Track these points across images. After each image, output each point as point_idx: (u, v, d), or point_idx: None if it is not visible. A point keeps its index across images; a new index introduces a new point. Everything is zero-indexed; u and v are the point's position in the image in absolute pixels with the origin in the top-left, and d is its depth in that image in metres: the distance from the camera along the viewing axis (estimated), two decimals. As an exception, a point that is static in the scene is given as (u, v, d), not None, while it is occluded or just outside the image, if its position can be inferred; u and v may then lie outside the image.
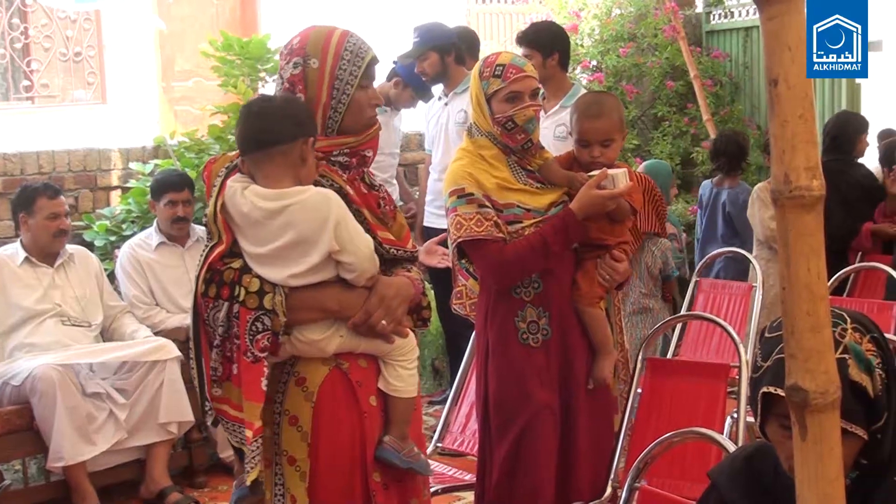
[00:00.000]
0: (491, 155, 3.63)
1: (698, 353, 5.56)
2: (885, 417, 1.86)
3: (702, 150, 8.69)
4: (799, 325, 1.43)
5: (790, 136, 1.38)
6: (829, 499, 1.45)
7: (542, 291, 3.64)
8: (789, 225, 1.42)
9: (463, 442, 4.37)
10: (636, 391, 4.14)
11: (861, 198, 6.50)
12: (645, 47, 9.08)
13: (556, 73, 5.49)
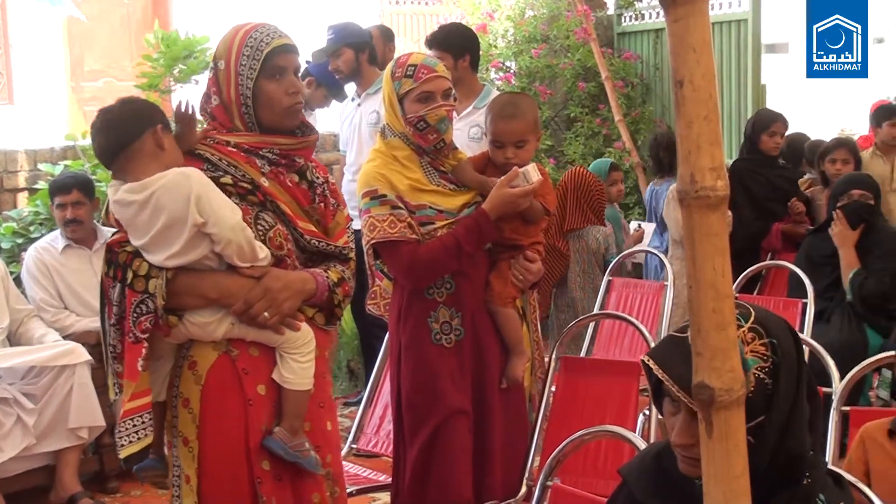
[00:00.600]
0: (404, 156, 3.63)
1: (612, 351, 5.61)
2: (760, 420, 1.86)
3: (614, 150, 8.79)
4: (705, 323, 1.44)
5: (695, 136, 1.40)
6: (734, 494, 1.47)
7: (454, 292, 3.65)
8: (695, 224, 1.43)
9: (378, 443, 4.36)
10: (550, 389, 4.17)
11: (772, 198, 6.61)
12: (557, 49, 9.14)
13: (467, 75, 5.50)
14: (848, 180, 5.72)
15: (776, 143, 6.61)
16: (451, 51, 5.43)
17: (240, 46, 3.02)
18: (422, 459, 3.67)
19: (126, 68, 8.95)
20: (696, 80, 1.39)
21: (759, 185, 6.60)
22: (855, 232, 5.52)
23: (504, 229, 3.67)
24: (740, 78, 8.94)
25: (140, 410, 2.91)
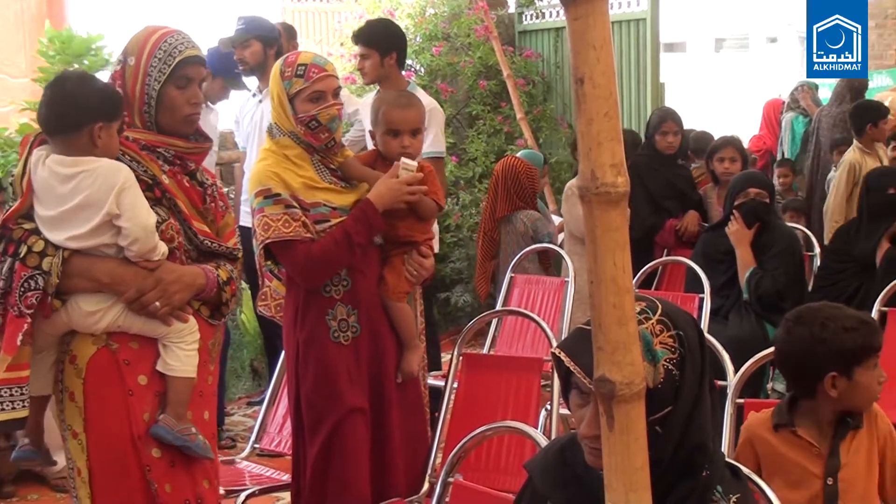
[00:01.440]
0: (295, 154, 3.63)
1: (514, 347, 5.64)
2: (666, 411, 1.89)
3: (516, 147, 8.83)
4: (606, 318, 1.46)
5: (596, 133, 1.41)
6: (635, 486, 1.49)
7: (351, 289, 3.67)
8: (596, 220, 1.45)
9: (281, 442, 4.34)
10: (452, 386, 4.19)
11: (668, 195, 6.70)
12: (458, 47, 9.17)
13: (393, 73, 5.48)
14: (744, 179, 5.81)
15: (669, 143, 6.71)
16: (377, 47, 5.41)
17: (152, 49, 3.11)
18: (321, 458, 3.67)
19: (20, 64, 8.72)
20: (597, 78, 1.40)
21: (657, 181, 6.68)
22: (750, 231, 5.62)
23: (398, 227, 3.72)
24: (640, 76, 9.08)
25: (14, 382, 2.95)
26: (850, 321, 2.89)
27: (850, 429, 2.94)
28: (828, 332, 2.86)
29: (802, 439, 2.93)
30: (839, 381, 2.86)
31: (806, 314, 2.94)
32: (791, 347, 2.92)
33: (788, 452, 2.93)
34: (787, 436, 2.94)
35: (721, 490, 1.96)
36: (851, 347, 2.85)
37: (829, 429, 2.94)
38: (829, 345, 2.86)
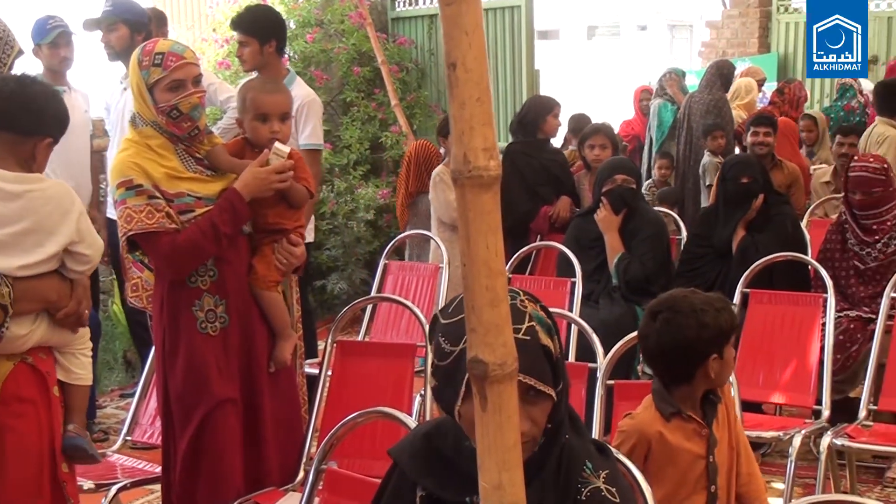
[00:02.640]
0: (157, 144, 3.57)
1: (388, 334, 5.65)
2: (562, 382, 1.96)
3: (391, 134, 8.85)
4: (478, 300, 1.46)
5: (468, 118, 1.42)
6: (507, 465, 1.50)
7: (218, 279, 3.63)
8: (469, 204, 1.45)
9: (153, 434, 4.28)
10: (327, 373, 4.18)
11: (542, 182, 6.79)
12: (332, 33, 9.13)
13: (273, 60, 5.41)
14: (611, 166, 5.90)
15: (559, 125, 6.81)
16: (256, 35, 5.32)
17: None
18: (192, 450, 3.63)
19: None
20: (469, 63, 1.41)
21: (532, 168, 6.76)
22: (618, 217, 5.72)
23: (268, 214, 3.69)
24: (515, 63, 9.16)
25: None
26: (719, 303, 2.99)
27: (715, 404, 3.02)
28: (708, 317, 2.93)
29: (693, 421, 2.99)
30: (716, 362, 2.94)
31: (680, 304, 2.98)
32: (674, 337, 2.96)
33: (679, 441, 2.98)
34: (678, 423, 2.99)
35: (591, 466, 2.01)
36: (725, 327, 2.95)
37: (701, 409, 3.02)
38: (712, 328, 2.93)
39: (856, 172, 5.23)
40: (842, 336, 4.97)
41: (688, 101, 9.02)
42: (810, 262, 5.25)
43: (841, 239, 5.36)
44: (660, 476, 2.92)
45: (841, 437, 4.21)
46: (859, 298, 5.21)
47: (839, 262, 5.30)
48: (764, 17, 11.83)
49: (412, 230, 6.88)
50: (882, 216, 5.21)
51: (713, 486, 2.98)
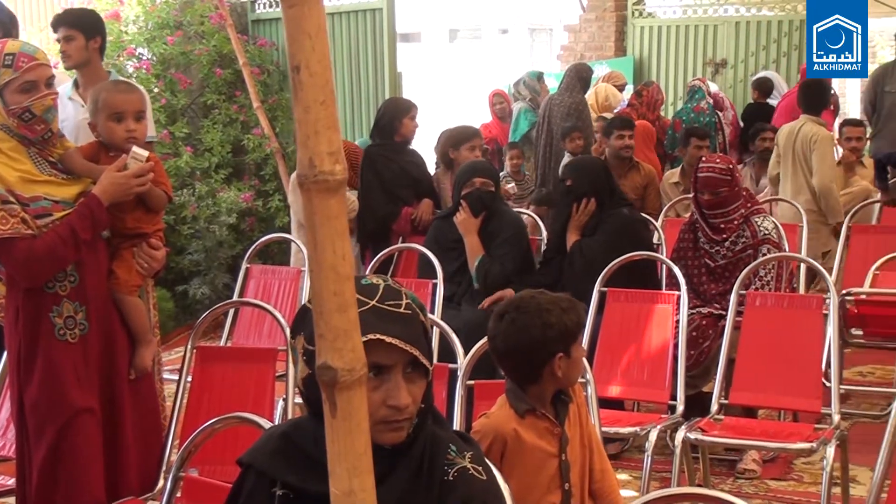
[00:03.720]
0: (9, 147, 3.48)
1: (251, 339, 5.60)
2: (432, 363, 1.99)
3: (253, 137, 8.76)
4: (326, 305, 1.46)
5: (313, 121, 1.41)
6: (357, 471, 1.50)
7: (78, 285, 3.55)
8: (315, 208, 1.45)
9: (5, 445, 4.14)
10: (186, 379, 4.12)
11: (402, 183, 6.80)
12: (192, 35, 8.99)
13: (95, 58, 5.29)
14: (469, 169, 5.94)
15: (416, 126, 6.83)
16: (83, 30, 5.20)
17: None
18: (49, 461, 3.53)
19: None
20: (313, 66, 1.40)
21: (391, 170, 6.78)
22: (478, 219, 5.77)
23: (126, 219, 3.64)
24: (377, 66, 9.16)
25: None
26: (565, 302, 3.03)
27: (567, 403, 3.07)
28: (553, 316, 2.98)
29: (546, 419, 3.03)
30: (563, 361, 2.99)
31: (526, 304, 3.03)
32: (519, 337, 3.00)
33: (533, 439, 3.01)
34: (532, 421, 3.03)
35: (455, 449, 2.05)
36: (571, 326, 3.00)
37: (553, 408, 3.06)
38: (557, 327, 2.98)
39: (703, 173, 5.38)
40: (694, 332, 5.10)
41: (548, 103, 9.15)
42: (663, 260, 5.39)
43: (692, 238, 5.51)
44: (515, 474, 2.96)
45: (694, 431, 4.31)
46: (710, 295, 5.35)
47: (691, 260, 5.44)
48: (620, 22, 12.07)
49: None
50: (729, 215, 5.36)
51: (567, 484, 3.03)
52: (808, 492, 4.88)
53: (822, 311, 4.75)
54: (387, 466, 1.96)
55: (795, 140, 7.27)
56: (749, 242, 5.32)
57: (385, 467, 1.96)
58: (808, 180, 7.24)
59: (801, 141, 7.24)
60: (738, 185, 5.45)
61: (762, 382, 4.67)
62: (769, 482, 5.04)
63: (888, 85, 9.28)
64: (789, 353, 4.68)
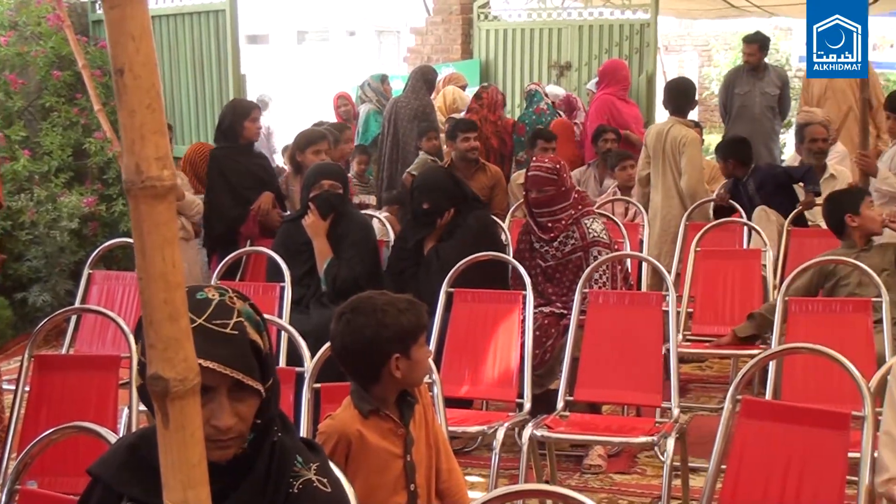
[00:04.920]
0: None
1: (94, 346, 5.46)
2: (272, 379, 1.97)
3: (95, 140, 8.55)
4: (157, 314, 1.43)
5: (139, 126, 1.38)
6: (192, 482, 1.47)
7: None
8: (143, 215, 1.41)
9: None
10: (24, 389, 4.00)
11: (249, 186, 6.73)
12: (28, 36, 8.73)
13: None
14: (317, 171, 5.92)
15: (258, 129, 6.76)
16: None
17: None
18: None
19: None
20: (137, 69, 1.37)
21: (237, 172, 6.70)
22: (326, 222, 5.74)
23: None
24: (221, 68, 9.04)
25: None
26: (402, 304, 3.04)
27: (412, 404, 3.08)
28: (389, 317, 2.99)
29: (390, 420, 3.03)
30: (401, 362, 2.99)
31: (363, 305, 3.04)
32: (354, 338, 3.01)
33: (377, 440, 3.01)
34: (376, 421, 3.03)
35: (301, 460, 2.05)
36: (408, 327, 3.01)
37: (398, 409, 3.07)
38: (392, 328, 2.99)
39: (532, 172, 5.54)
40: (538, 332, 5.18)
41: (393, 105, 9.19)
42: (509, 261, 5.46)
43: (529, 239, 5.62)
44: (361, 475, 2.96)
45: (540, 428, 4.38)
46: (549, 295, 5.45)
47: (529, 260, 5.53)
48: (466, 25, 12.16)
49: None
50: (556, 214, 5.48)
51: (413, 485, 3.04)
52: (651, 484, 5.01)
53: (661, 308, 4.88)
54: (232, 481, 1.95)
55: (665, 142, 7.43)
56: (578, 244, 5.44)
57: (229, 482, 1.94)
58: (678, 182, 7.42)
59: (670, 143, 7.41)
60: (566, 185, 5.55)
61: (605, 379, 4.77)
62: (614, 476, 5.16)
63: (738, 87, 9.64)
64: (631, 350, 4.79)
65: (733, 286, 6.08)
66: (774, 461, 3.24)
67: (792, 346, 4.15)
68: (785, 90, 9.54)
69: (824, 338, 4.17)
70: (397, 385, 3.04)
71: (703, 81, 20.70)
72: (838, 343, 4.05)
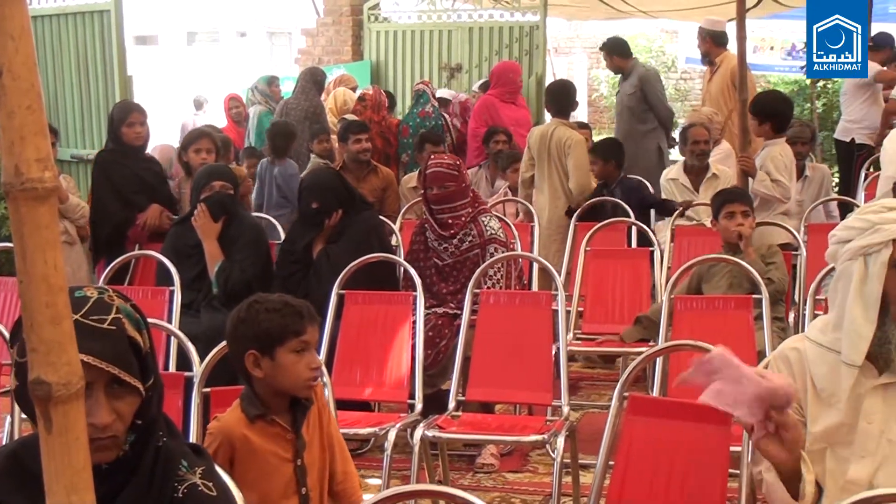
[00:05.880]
0: None
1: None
2: (153, 378, 1.96)
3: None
4: (38, 318, 1.41)
5: (18, 127, 1.36)
6: (77, 489, 1.45)
7: None
8: (24, 218, 1.39)
9: None
10: None
11: (137, 189, 6.62)
12: None
13: None
14: (207, 173, 5.86)
15: (137, 133, 6.62)
16: None
17: None
18: None
19: None
20: (17, 69, 1.35)
21: (124, 176, 6.58)
22: (217, 224, 5.69)
23: None
24: (106, 69, 8.90)
25: None
26: (276, 304, 3.03)
27: (307, 408, 3.06)
28: (250, 314, 3.00)
29: (277, 425, 3.01)
30: (263, 362, 2.98)
31: (245, 303, 3.06)
32: (225, 332, 3.07)
33: (264, 443, 3.00)
34: (262, 426, 3.01)
35: (186, 464, 2.03)
36: (271, 328, 2.98)
37: (291, 413, 3.05)
38: (248, 325, 3.00)
39: (431, 169, 5.60)
40: (431, 332, 5.21)
41: (283, 107, 9.16)
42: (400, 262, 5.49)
43: (423, 239, 5.65)
44: (249, 479, 2.94)
45: (432, 428, 4.40)
46: (443, 295, 5.49)
47: (423, 261, 5.56)
48: (356, 26, 12.15)
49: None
50: (457, 210, 5.54)
51: (304, 489, 3.03)
52: (543, 482, 5.07)
53: (551, 307, 4.94)
54: (115, 485, 1.92)
55: (550, 143, 7.52)
56: (476, 242, 5.50)
57: (112, 486, 1.92)
58: (564, 183, 7.51)
59: (555, 145, 7.49)
60: (466, 182, 5.62)
61: (497, 378, 4.82)
62: (507, 475, 5.21)
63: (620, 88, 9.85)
64: (522, 349, 4.84)
65: (622, 285, 6.19)
66: (660, 456, 3.30)
67: (676, 343, 4.25)
68: (645, 89, 9.40)
69: (708, 334, 4.26)
70: (270, 387, 3.01)
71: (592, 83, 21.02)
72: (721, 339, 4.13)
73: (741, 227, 5.47)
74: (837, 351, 2.77)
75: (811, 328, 2.96)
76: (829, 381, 2.79)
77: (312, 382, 3.04)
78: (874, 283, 2.69)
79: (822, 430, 2.79)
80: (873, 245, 2.70)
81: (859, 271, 2.72)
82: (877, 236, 2.70)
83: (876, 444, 2.73)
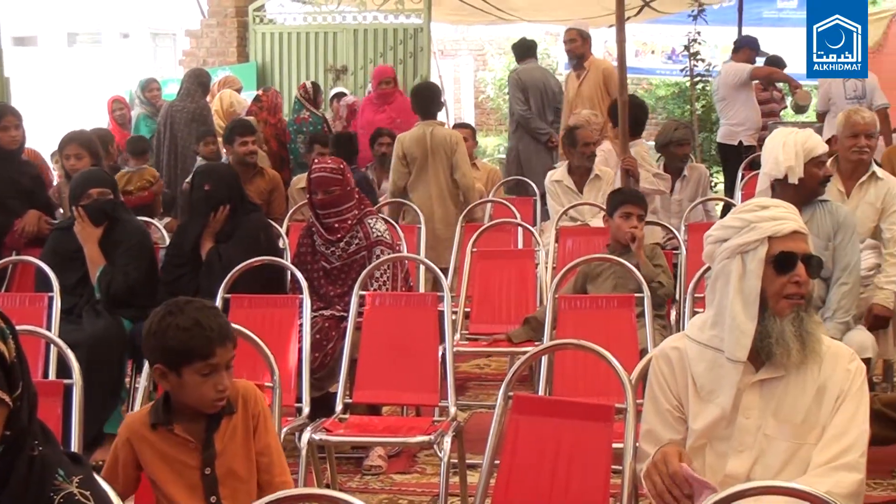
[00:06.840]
0: None
1: None
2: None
3: None
4: None
5: None
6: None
7: None
8: None
9: None
10: None
11: (13, 194, 6.46)
12: None
13: None
14: (83, 180, 5.74)
15: (11, 137, 6.46)
16: None
17: None
18: None
19: None
20: None
21: (3, 182, 6.42)
22: (98, 229, 5.59)
23: None
24: (-19, 71, 8.67)
25: None
26: (187, 322, 2.87)
27: (222, 417, 2.99)
28: (161, 327, 2.88)
29: (179, 436, 2.96)
30: (170, 377, 2.90)
31: (174, 306, 2.92)
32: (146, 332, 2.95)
33: (168, 448, 2.95)
34: (164, 433, 2.96)
35: (63, 473, 2.01)
36: (174, 346, 2.87)
37: (203, 420, 2.98)
38: (158, 338, 2.89)
39: (315, 174, 5.59)
40: (318, 335, 5.19)
41: (168, 109, 9.04)
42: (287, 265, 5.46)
43: (310, 242, 5.63)
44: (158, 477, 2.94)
45: (319, 431, 4.39)
46: (330, 298, 5.48)
47: (311, 264, 5.55)
48: (241, 28, 12.06)
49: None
50: (343, 214, 5.55)
51: (213, 497, 2.95)
52: (431, 483, 5.09)
53: (437, 308, 4.96)
54: None
55: (431, 144, 7.57)
56: (362, 244, 5.51)
57: None
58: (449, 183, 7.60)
59: (440, 144, 7.58)
60: (350, 185, 5.63)
61: (384, 380, 4.82)
62: (395, 476, 5.22)
63: None
64: (408, 351, 4.86)
65: (509, 285, 6.25)
66: (545, 454, 3.34)
67: (559, 342, 4.31)
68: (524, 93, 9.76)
69: (592, 333, 4.35)
70: (178, 398, 2.96)
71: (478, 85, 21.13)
72: (604, 338, 4.24)
73: (635, 229, 5.58)
74: (716, 348, 2.86)
75: (691, 326, 3.05)
76: (709, 379, 2.88)
77: (219, 403, 2.94)
78: (752, 280, 2.79)
79: (702, 426, 2.87)
80: (750, 243, 2.80)
81: (737, 269, 2.81)
82: (753, 234, 2.80)
83: (753, 439, 2.83)
